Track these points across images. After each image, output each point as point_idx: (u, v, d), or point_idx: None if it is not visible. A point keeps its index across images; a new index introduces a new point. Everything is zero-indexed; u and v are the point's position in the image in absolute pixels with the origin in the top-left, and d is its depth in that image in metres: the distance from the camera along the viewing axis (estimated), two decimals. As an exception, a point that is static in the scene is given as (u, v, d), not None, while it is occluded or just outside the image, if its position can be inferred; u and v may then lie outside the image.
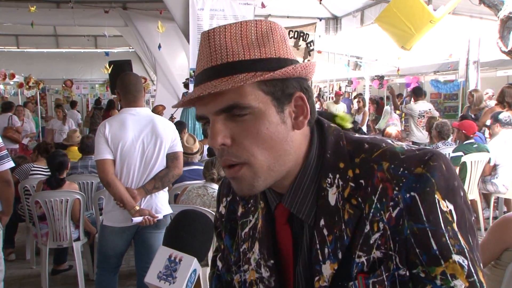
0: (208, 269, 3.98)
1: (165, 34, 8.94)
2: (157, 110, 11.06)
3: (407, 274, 0.87)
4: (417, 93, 9.19)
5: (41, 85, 15.54)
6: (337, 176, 0.93)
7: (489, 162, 5.82)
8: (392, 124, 8.26)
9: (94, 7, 10.42)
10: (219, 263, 1.19)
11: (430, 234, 0.85)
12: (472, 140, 5.95)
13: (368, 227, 0.89)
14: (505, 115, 5.99)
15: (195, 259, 0.98)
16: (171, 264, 0.97)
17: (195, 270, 0.98)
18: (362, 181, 0.91)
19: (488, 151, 5.81)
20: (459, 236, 0.86)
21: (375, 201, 0.89)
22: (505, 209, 6.11)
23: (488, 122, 6.43)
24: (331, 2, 9.85)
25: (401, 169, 0.88)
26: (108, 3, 10.42)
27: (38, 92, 15.08)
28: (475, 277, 0.85)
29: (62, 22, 11.32)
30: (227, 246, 1.14)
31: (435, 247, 0.85)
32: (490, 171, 5.89)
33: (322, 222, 0.93)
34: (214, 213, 3.58)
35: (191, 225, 1.04)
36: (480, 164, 5.74)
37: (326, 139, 0.97)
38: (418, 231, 0.85)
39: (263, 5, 8.14)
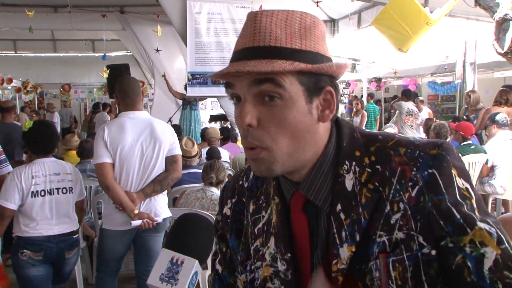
0: (207, 272, 3.96)
1: (163, 38, 8.95)
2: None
3: (432, 252, 0.88)
4: (407, 94, 9.87)
5: (39, 89, 15.58)
6: (354, 163, 0.96)
7: (486, 163, 5.84)
8: (389, 127, 8.30)
9: (91, 11, 10.42)
10: (218, 267, 1.19)
11: (449, 205, 0.87)
12: (470, 142, 5.97)
13: (388, 207, 0.91)
14: (501, 116, 6.02)
15: (197, 261, 0.99)
16: (173, 266, 0.98)
17: (196, 273, 1.00)
18: (378, 166, 0.95)
19: (485, 152, 5.83)
20: (476, 212, 0.88)
21: (395, 183, 0.92)
22: (503, 210, 6.13)
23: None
24: (328, 5, 9.86)
25: (417, 151, 0.93)
26: (106, 7, 10.42)
27: (36, 97, 15.07)
28: (507, 244, 0.86)
29: (59, 27, 11.31)
30: (233, 247, 1.14)
31: (458, 216, 0.87)
32: (488, 172, 5.91)
33: (339, 207, 0.95)
34: (213, 217, 3.57)
35: (193, 228, 1.06)
36: (477, 165, 5.76)
37: (342, 130, 1.01)
38: (439, 202, 0.88)
39: (260, 8, 8.16)
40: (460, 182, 0.89)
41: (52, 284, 3.49)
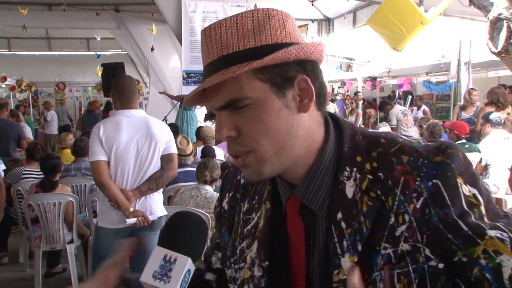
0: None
1: (158, 36, 8.95)
2: (96, 105, 11.35)
3: (439, 265, 0.85)
4: (386, 104, 10.46)
5: (33, 88, 15.51)
6: (354, 169, 0.92)
7: (480, 162, 5.86)
8: (383, 126, 8.34)
9: (86, 9, 10.40)
10: (219, 254, 1.20)
11: (455, 217, 0.84)
12: (464, 141, 6.00)
13: (393, 219, 0.88)
14: (495, 115, 6.04)
15: (190, 259, 0.99)
16: (166, 264, 0.98)
17: (189, 270, 1.00)
18: (380, 174, 0.91)
19: (479, 151, 5.86)
20: (486, 219, 0.85)
21: (398, 193, 0.88)
22: (497, 208, 6.15)
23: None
24: (323, 4, 9.89)
25: (421, 159, 0.88)
26: (100, 5, 10.41)
27: (30, 95, 15.01)
28: None
29: (54, 25, 11.29)
30: (225, 241, 1.14)
31: (465, 228, 0.84)
32: (482, 171, 5.93)
33: (339, 215, 0.92)
34: (207, 214, 3.57)
35: (186, 226, 1.06)
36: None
37: (342, 132, 0.97)
38: (444, 216, 0.84)
39: (255, 7, 8.17)
40: (466, 189, 0.85)
41: None
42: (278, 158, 0.92)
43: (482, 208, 0.86)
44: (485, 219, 0.85)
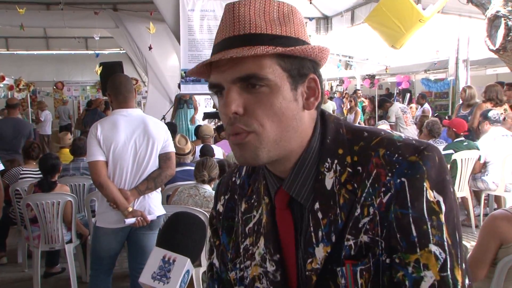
0: (200, 269, 3.95)
1: (156, 35, 8.93)
2: (98, 101, 11.39)
3: (387, 260, 0.89)
4: (386, 101, 10.70)
5: (32, 87, 15.48)
6: (335, 161, 0.95)
7: (479, 159, 5.87)
8: (383, 123, 8.35)
9: (84, 8, 10.37)
10: (215, 262, 1.18)
11: (411, 220, 0.86)
12: (462, 138, 6.00)
13: (358, 210, 0.90)
14: (493, 112, 6.05)
15: (189, 259, 0.99)
16: (165, 264, 0.98)
17: (188, 271, 1.00)
18: (359, 167, 0.93)
19: (478, 149, 5.86)
20: (444, 228, 0.87)
21: (368, 185, 0.90)
22: (495, 206, 6.16)
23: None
24: (321, 2, 9.89)
25: (396, 155, 0.90)
26: (98, 4, 10.38)
27: (28, 95, 14.98)
28: (449, 272, 0.85)
29: (52, 24, 11.27)
30: (224, 244, 1.14)
31: (414, 234, 0.86)
32: (480, 168, 5.94)
33: (317, 205, 0.94)
34: (206, 214, 3.57)
35: (185, 226, 1.06)
36: (470, 162, 5.79)
37: (327, 126, 0.99)
38: (401, 215, 0.87)
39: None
40: (431, 195, 0.87)
41: None
42: (276, 147, 0.93)
43: (442, 217, 0.87)
44: (443, 228, 0.87)
